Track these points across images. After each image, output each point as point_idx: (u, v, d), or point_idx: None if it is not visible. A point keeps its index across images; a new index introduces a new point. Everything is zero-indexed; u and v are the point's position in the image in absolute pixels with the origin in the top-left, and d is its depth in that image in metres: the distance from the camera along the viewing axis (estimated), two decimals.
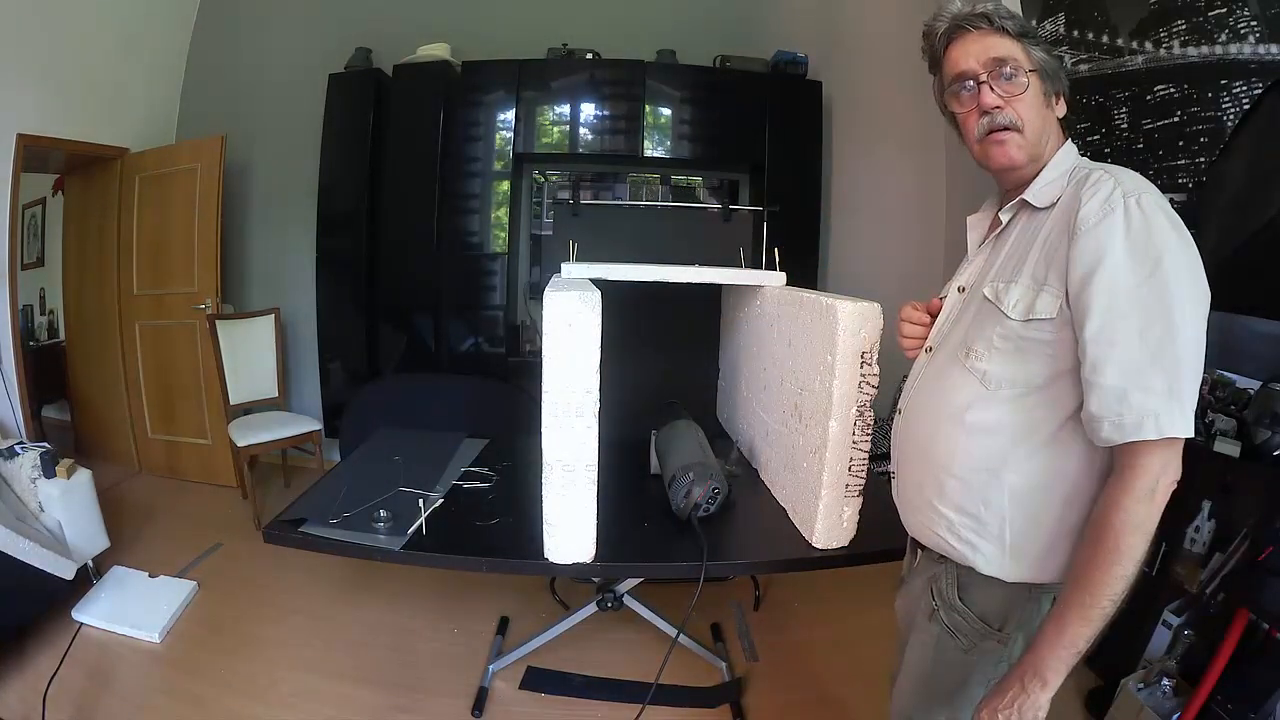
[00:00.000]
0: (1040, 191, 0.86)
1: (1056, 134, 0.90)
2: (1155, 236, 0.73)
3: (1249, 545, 1.40)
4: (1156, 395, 0.71)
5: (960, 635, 0.89)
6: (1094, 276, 0.74)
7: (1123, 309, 0.73)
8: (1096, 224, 0.75)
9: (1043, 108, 0.89)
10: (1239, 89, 1.71)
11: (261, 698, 1.84)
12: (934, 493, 0.90)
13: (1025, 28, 0.89)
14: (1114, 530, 0.73)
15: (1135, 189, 0.75)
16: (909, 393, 0.98)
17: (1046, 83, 0.88)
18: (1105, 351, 0.74)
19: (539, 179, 3.36)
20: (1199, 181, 1.77)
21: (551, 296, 1.02)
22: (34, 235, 4.20)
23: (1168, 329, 0.71)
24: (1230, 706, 1.32)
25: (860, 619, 2.25)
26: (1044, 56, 0.88)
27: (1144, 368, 0.72)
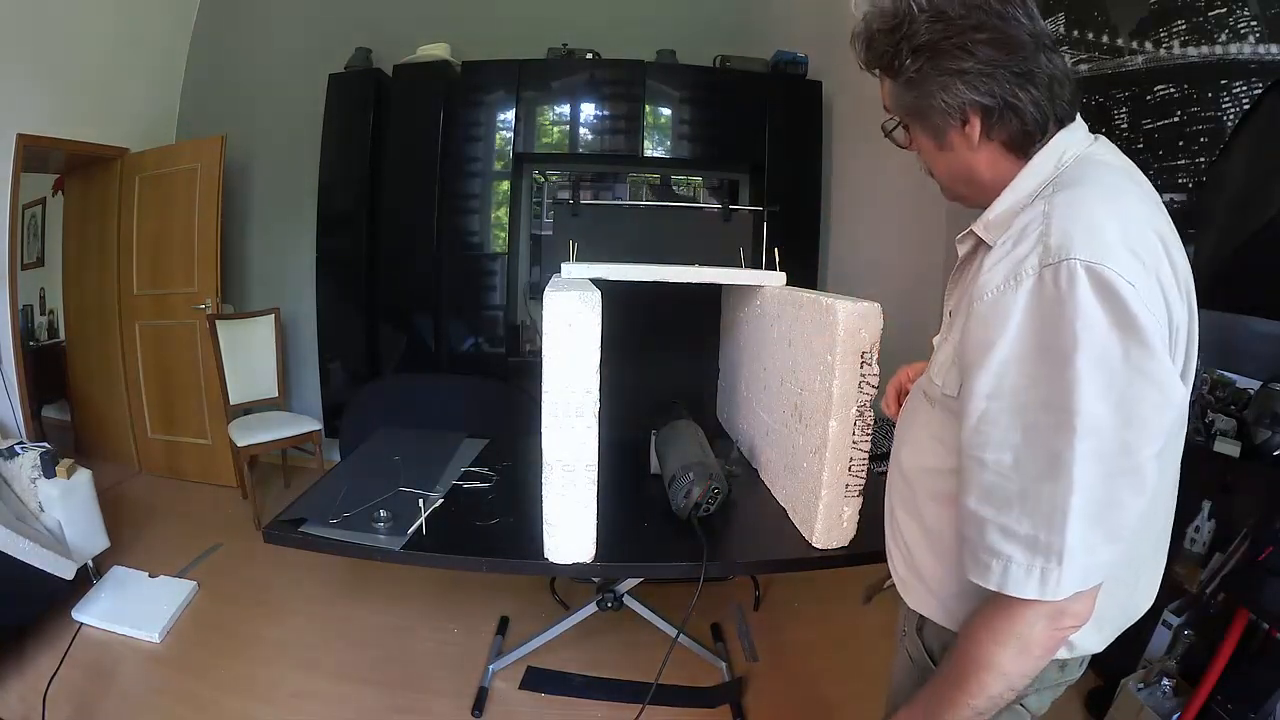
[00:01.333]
0: (990, 224, 0.69)
1: (1000, 160, 0.69)
2: (1069, 322, 0.54)
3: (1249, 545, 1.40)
4: (1014, 541, 0.58)
5: (917, 666, 0.85)
6: (977, 371, 0.60)
7: (1000, 420, 0.58)
8: (993, 302, 0.59)
9: (937, 152, 0.73)
10: (1239, 89, 1.71)
11: (261, 698, 1.84)
12: (886, 518, 0.89)
13: (878, 59, 0.71)
14: (966, 660, 0.63)
15: (1065, 248, 0.56)
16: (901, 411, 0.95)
17: (925, 124, 0.71)
18: (973, 468, 0.61)
19: (539, 179, 3.35)
20: (1199, 181, 1.77)
21: (551, 296, 1.02)
22: (34, 235, 4.20)
23: (1054, 460, 0.55)
24: (1230, 706, 1.32)
25: (860, 619, 2.24)
26: (908, 96, 0.70)
27: (1009, 502, 0.58)
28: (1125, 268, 0.54)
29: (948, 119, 0.68)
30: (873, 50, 0.71)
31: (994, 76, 0.64)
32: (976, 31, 0.64)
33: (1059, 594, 0.57)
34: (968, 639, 0.64)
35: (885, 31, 0.69)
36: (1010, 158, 0.69)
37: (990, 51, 0.64)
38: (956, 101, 0.66)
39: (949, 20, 0.64)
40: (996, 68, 0.64)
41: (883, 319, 1.12)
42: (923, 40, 0.65)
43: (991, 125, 0.67)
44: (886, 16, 0.68)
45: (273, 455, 3.37)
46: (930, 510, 0.76)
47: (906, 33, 0.66)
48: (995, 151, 0.69)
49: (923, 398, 0.79)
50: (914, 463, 0.80)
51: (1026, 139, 0.67)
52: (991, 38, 0.64)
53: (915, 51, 0.66)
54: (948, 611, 0.77)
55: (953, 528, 0.72)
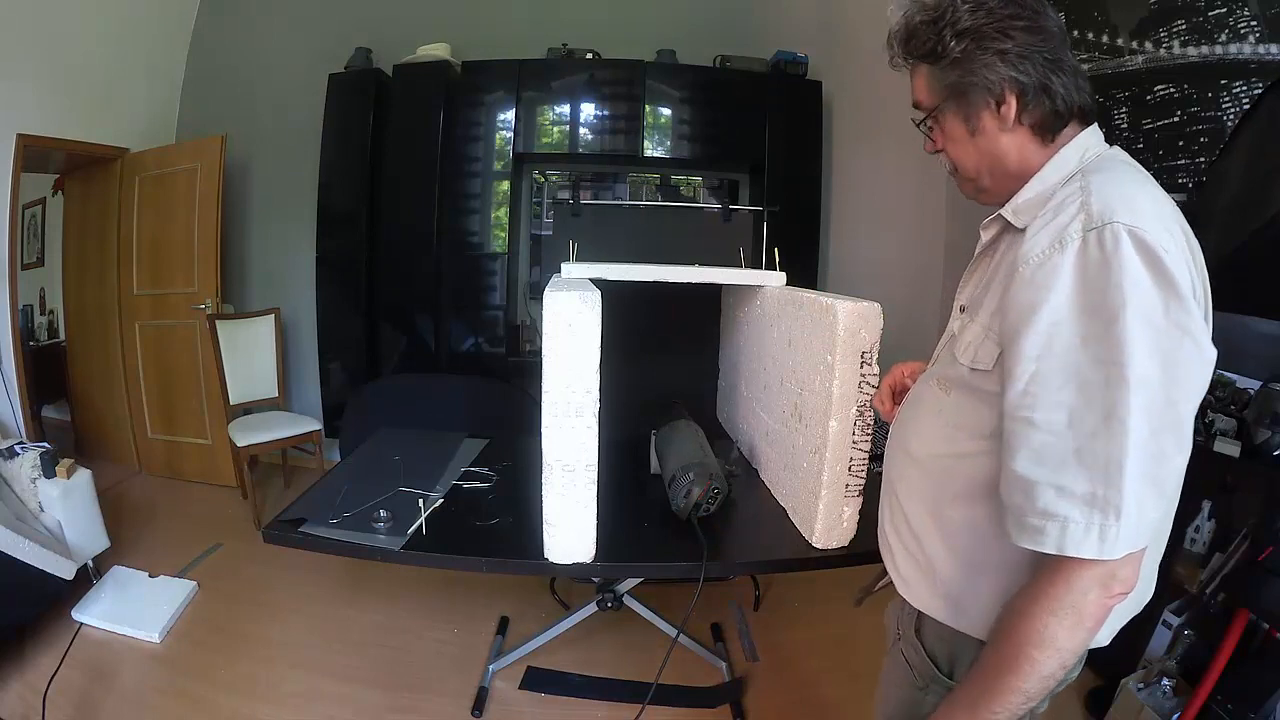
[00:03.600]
0: (1019, 208, 0.73)
1: (1027, 146, 0.74)
2: (1115, 281, 0.56)
3: (1249, 545, 1.40)
4: (1071, 500, 0.58)
5: (914, 670, 0.83)
6: (1022, 334, 0.61)
7: (1054, 380, 0.59)
8: (1038, 265, 0.61)
9: (968, 139, 0.76)
10: (1239, 89, 1.71)
11: (261, 698, 1.84)
12: (885, 514, 0.88)
13: (920, 47, 0.76)
14: (1017, 638, 0.62)
15: (1107, 214, 0.59)
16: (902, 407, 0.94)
17: (961, 105, 0.75)
18: (1021, 430, 0.61)
19: (539, 179, 3.35)
20: (1199, 181, 1.77)
21: (551, 296, 1.02)
22: (34, 235, 4.20)
23: (1109, 414, 0.56)
24: (1230, 706, 1.32)
25: (860, 619, 2.24)
26: (951, 75, 0.74)
27: (1064, 461, 0.58)
28: (1162, 236, 0.58)
29: (987, 96, 0.73)
30: (914, 41, 0.76)
31: (1030, 58, 0.71)
32: (1014, 19, 0.70)
33: (1115, 552, 0.57)
34: (1016, 615, 0.62)
35: (928, 22, 0.74)
36: (1037, 144, 0.74)
37: (1027, 37, 0.70)
38: (998, 77, 0.71)
39: (989, 9, 0.71)
40: (1033, 50, 0.71)
41: (883, 319, 1.12)
42: (966, 25, 0.71)
43: (1026, 105, 0.72)
44: (929, 9, 0.75)
45: (273, 455, 3.37)
46: (948, 497, 0.76)
47: (950, 19, 0.72)
48: (1024, 136, 0.74)
49: (934, 386, 0.80)
50: (928, 450, 0.79)
51: (1056, 121, 0.72)
52: (1028, 25, 0.71)
53: (959, 35, 0.72)
54: (957, 608, 0.76)
55: (973, 515, 0.73)
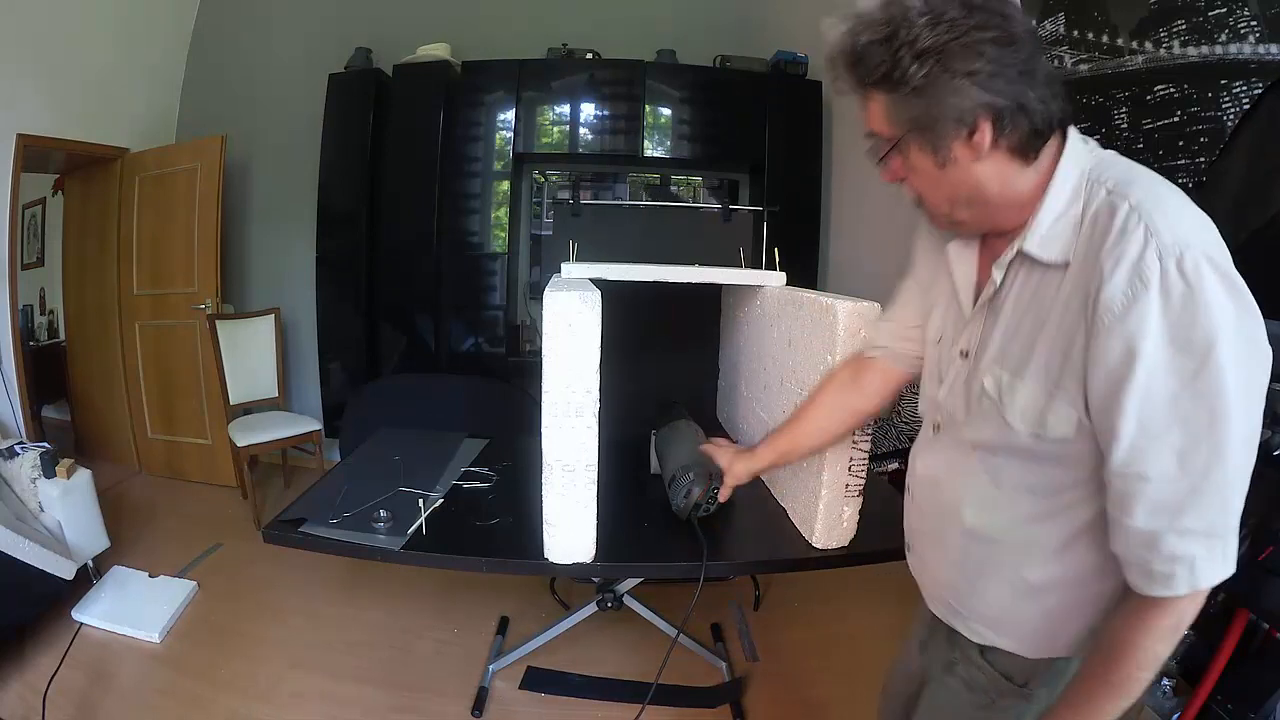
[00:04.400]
0: (1045, 239, 0.66)
1: (1008, 170, 0.67)
2: (1204, 315, 0.54)
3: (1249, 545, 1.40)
4: (1194, 538, 0.58)
5: (979, 691, 0.81)
6: (1123, 390, 0.58)
7: (1157, 428, 0.57)
8: (1124, 312, 0.57)
9: (936, 171, 0.69)
10: (1239, 89, 1.71)
11: (261, 698, 1.84)
12: (949, 590, 0.83)
13: (873, 74, 0.66)
14: (1127, 667, 0.63)
15: (1181, 241, 0.56)
16: (915, 468, 0.88)
17: (928, 138, 0.66)
18: (1135, 487, 0.60)
19: (539, 179, 3.35)
20: (1199, 181, 1.77)
21: (551, 296, 1.02)
22: (34, 235, 4.20)
23: (1217, 447, 0.56)
24: (1230, 706, 1.32)
25: (860, 619, 2.25)
26: (914, 106, 0.65)
27: (1182, 504, 0.58)
28: (1225, 251, 0.58)
29: (958, 127, 0.65)
30: (866, 65, 0.66)
31: (1003, 75, 0.62)
32: (981, 30, 0.61)
33: (1234, 566, 0.59)
34: (1124, 647, 0.63)
35: (879, 42, 0.64)
36: (1017, 164, 0.67)
37: (998, 50, 0.61)
38: (970, 104, 0.63)
39: (950, 22, 0.61)
40: (1004, 66, 0.62)
41: None
42: (928, 44, 0.62)
43: (1002, 129, 0.64)
44: (878, 26, 0.64)
45: (273, 455, 3.38)
46: (1036, 563, 0.72)
47: (907, 38, 0.62)
48: (1002, 160, 0.67)
49: (968, 453, 0.76)
50: (999, 521, 0.74)
51: (1036, 139, 0.66)
52: (997, 35, 0.61)
53: (920, 56, 0.62)
54: (1050, 646, 0.76)
55: (1065, 570, 0.71)
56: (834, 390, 1.06)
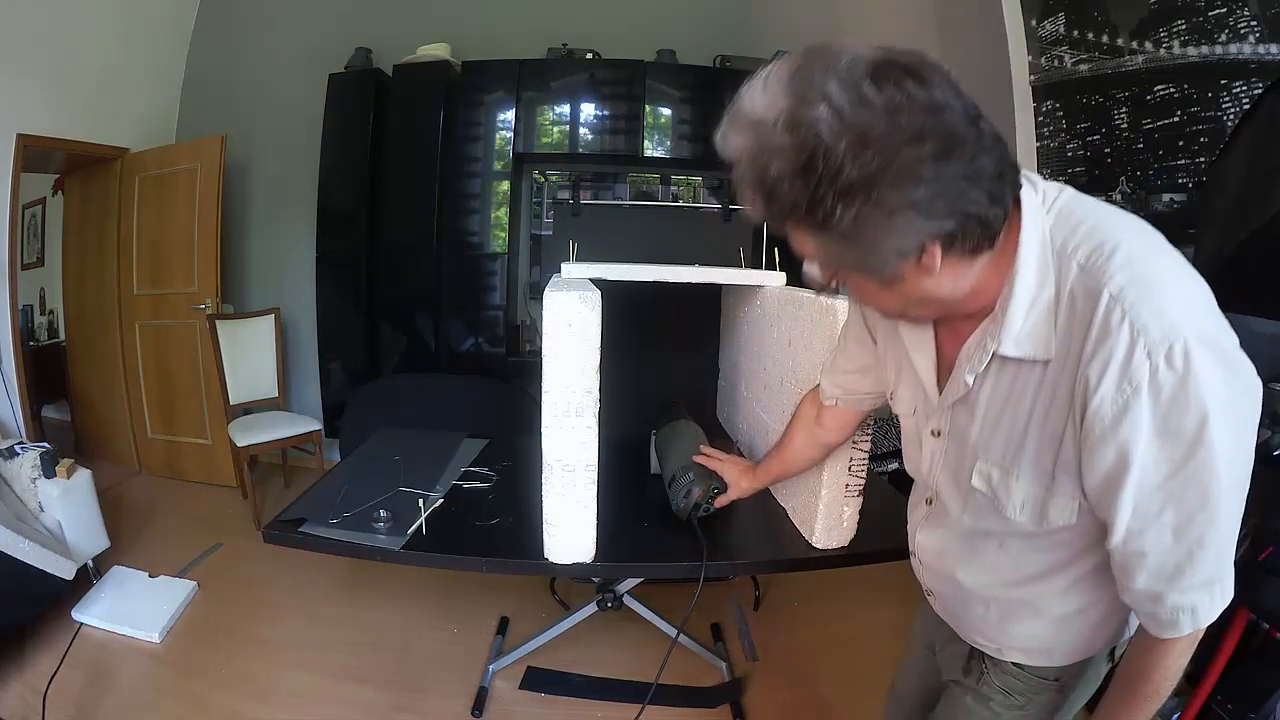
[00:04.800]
0: (1020, 339, 0.61)
1: (963, 272, 0.60)
2: (1195, 400, 0.53)
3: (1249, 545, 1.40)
4: (1194, 590, 0.61)
5: (1014, 694, 0.84)
6: (1119, 490, 0.58)
7: (1152, 512, 0.58)
8: (1116, 421, 0.55)
9: (882, 290, 0.62)
10: (1239, 89, 1.71)
11: (261, 698, 1.84)
12: (979, 633, 0.85)
13: (789, 211, 0.54)
14: (1155, 681, 0.67)
15: (1170, 332, 0.52)
16: (916, 539, 0.89)
17: (868, 274, 0.60)
18: (1134, 561, 0.62)
19: (539, 179, 3.35)
20: (1199, 181, 1.77)
21: (551, 296, 1.02)
22: (34, 235, 4.20)
23: (1211, 517, 0.57)
24: (1230, 706, 1.32)
25: (860, 619, 2.25)
26: (846, 252, 0.57)
27: (1180, 568, 0.60)
28: (1212, 314, 0.56)
29: (901, 260, 0.56)
30: (779, 201, 0.54)
31: (946, 193, 0.52)
32: (915, 145, 0.50)
33: (1229, 598, 0.62)
34: (1152, 667, 0.67)
35: (793, 174, 0.52)
36: (971, 261, 0.59)
37: (939, 166, 0.51)
38: (912, 242, 0.54)
39: (878, 143, 0.49)
40: (947, 183, 0.51)
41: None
42: (853, 178, 0.50)
43: (952, 246, 0.56)
44: (788, 154, 0.51)
45: (273, 455, 3.37)
46: (1056, 601, 0.75)
47: (826, 173, 0.50)
48: (956, 265, 0.59)
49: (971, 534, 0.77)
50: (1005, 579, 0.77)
51: (992, 239, 0.58)
52: (934, 148, 0.50)
53: (845, 195, 0.51)
54: (1071, 655, 0.80)
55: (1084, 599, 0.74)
56: (801, 426, 1.11)
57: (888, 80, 0.50)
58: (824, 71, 0.51)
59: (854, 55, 0.51)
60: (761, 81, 0.55)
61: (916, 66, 0.51)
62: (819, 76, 0.50)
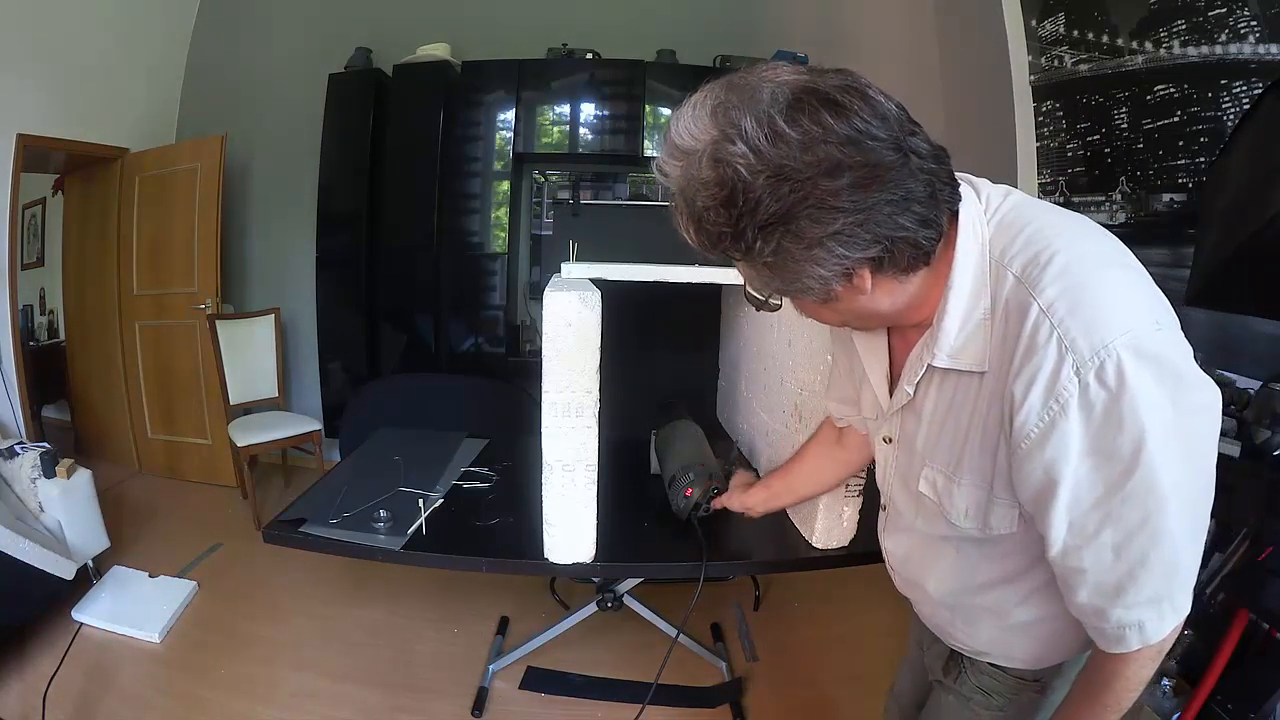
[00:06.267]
0: (955, 351, 0.61)
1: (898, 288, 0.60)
2: (1130, 418, 0.51)
3: (1249, 545, 1.40)
4: (1139, 607, 0.59)
5: (993, 694, 0.83)
6: (1049, 507, 0.57)
7: (1089, 531, 0.57)
8: (1041, 439, 0.55)
9: (819, 307, 0.63)
10: (1239, 89, 1.71)
11: (261, 698, 1.84)
12: (944, 632, 0.86)
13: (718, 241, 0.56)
14: (1114, 692, 0.65)
15: (1095, 341, 0.51)
16: (884, 543, 0.89)
17: (799, 297, 0.61)
18: (1074, 576, 0.61)
19: (539, 179, 3.35)
20: (1199, 181, 1.77)
21: (551, 296, 1.02)
22: (34, 235, 4.20)
23: (1153, 536, 0.55)
24: (1230, 706, 1.32)
25: (860, 619, 2.25)
26: (772, 280, 0.59)
27: (1122, 586, 0.58)
28: (1150, 320, 0.52)
29: (827, 285, 0.57)
30: (706, 232, 0.56)
31: (870, 220, 0.52)
32: (832, 177, 0.50)
33: (1187, 609, 0.60)
34: (1114, 674, 0.65)
35: (717, 207, 0.53)
36: (906, 279, 0.59)
37: (857, 197, 0.51)
38: (835, 269, 0.55)
39: (795, 177, 0.50)
40: (870, 210, 0.52)
41: None
42: (771, 211, 0.51)
43: (882, 267, 0.56)
44: (711, 188, 0.53)
45: (273, 455, 3.37)
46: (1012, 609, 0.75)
47: (745, 208, 0.52)
48: (890, 284, 0.59)
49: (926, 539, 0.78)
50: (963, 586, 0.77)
51: (925, 257, 0.58)
52: (854, 178, 0.50)
53: (765, 229, 0.52)
54: (1037, 660, 0.79)
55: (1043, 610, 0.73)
56: (820, 444, 1.08)
57: (803, 113, 0.50)
58: (742, 107, 0.51)
59: (775, 87, 0.52)
60: (690, 109, 0.55)
61: (837, 95, 0.51)
62: (736, 112, 0.51)
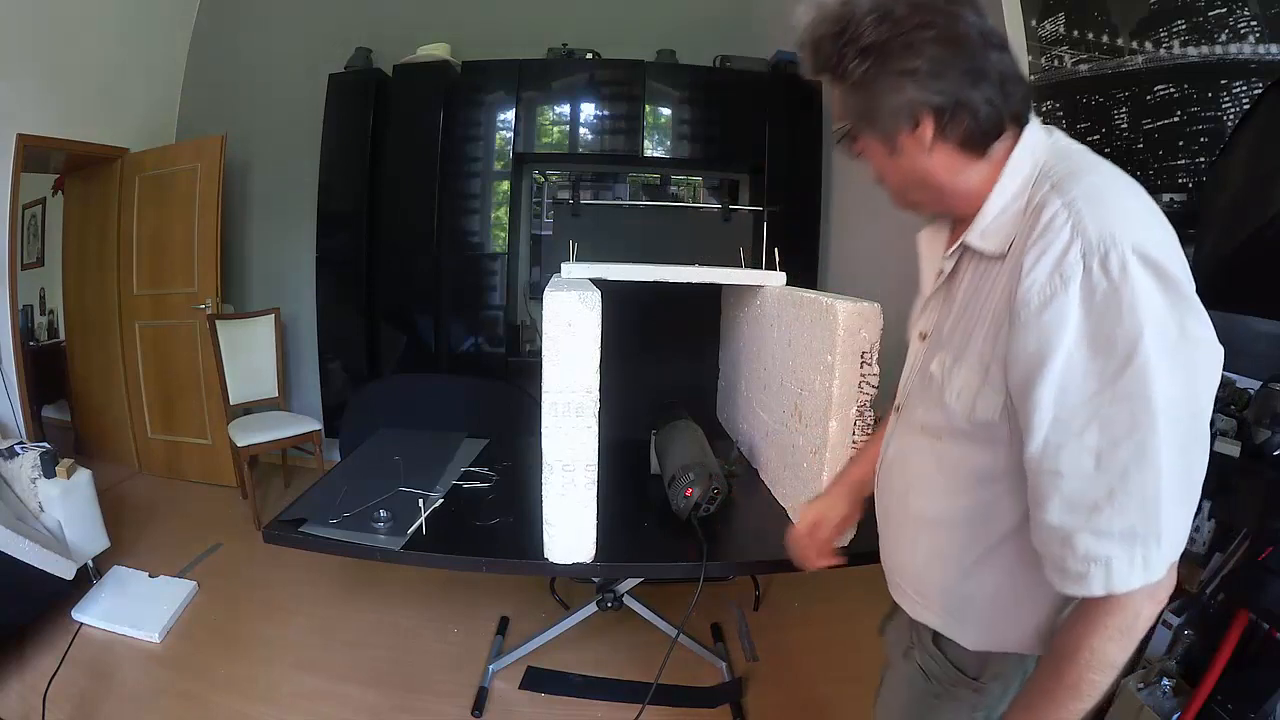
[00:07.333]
0: (987, 232, 0.67)
1: (957, 163, 0.68)
2: (1128, 314, 0.53)
3: (1249, 545, 1.40)
4: (1110, 540, 0.57)
5: (933, 679, 0.81)
6: (1035, 385, 0.58)
7: (1074, 427, 0.57)
8: (1040, 309, 0.57)
9: (887, 158, 0.71)
10: (1239, 89, 1.71)
11: (261, 698, 1.84)
12: (896, 569, 0.86)
13: (823, 64, 0.69)
14: (1078, 668, 0.61)
15: (1107, 238, 0.55)
16: (885, 447, 0.88)
17: (875, 129, 0.69)
18: (1049, 482, 0.59)
19: (539, 179, 3.36)
20: (1199, 181, 1.77)
21: (551, 296, 1.02)
22: (34, 235, 4.20)
23: (1139, 450, 0.55)
24: (1230, 706, 1.32)
25: (860, 619, 2.24)
26: (857, 100, 0.68)
27: (1098, 504, 0.57)
28: (1163, 242, 0.56)
29: (898, 121, 0.66)
30: (819, 56, 0.69)
31: (943, 75, 0.63)
32: (923, 30, 0.62)
33: (1161, 572, 0.57)
34: (1075, 643, 0.62)
35: (830, 36, 0.66)
36: (966, 158, 0.68)
37: (938, 50, 0.63)
38: (906, 102, 0.65)
39: (895, 20, 0.63)
40: (946, 66, 0.63)
41: (883, 319, 1.12)
42: (868, 41, 0.64)
43: (944, 125, 0.65)
44: (830, 20, 0.66)
45: (273, 455, 3.37)
46: (975, 551, 0.73)
47: (851, 35, 0.65)
48: (950, 153, 0.68)
49: (918, 435, 0.77)
50: (938, 507, 0.76)
51: (983, 138, 0.66)
52: (939, 35, 0.62)
53: (861, 53, 0.64)
54: (990, 635, 0.76)
55: (1003, 559, 0.71)
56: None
57: None
58: None
59: None
60: None
61: None
62: None
